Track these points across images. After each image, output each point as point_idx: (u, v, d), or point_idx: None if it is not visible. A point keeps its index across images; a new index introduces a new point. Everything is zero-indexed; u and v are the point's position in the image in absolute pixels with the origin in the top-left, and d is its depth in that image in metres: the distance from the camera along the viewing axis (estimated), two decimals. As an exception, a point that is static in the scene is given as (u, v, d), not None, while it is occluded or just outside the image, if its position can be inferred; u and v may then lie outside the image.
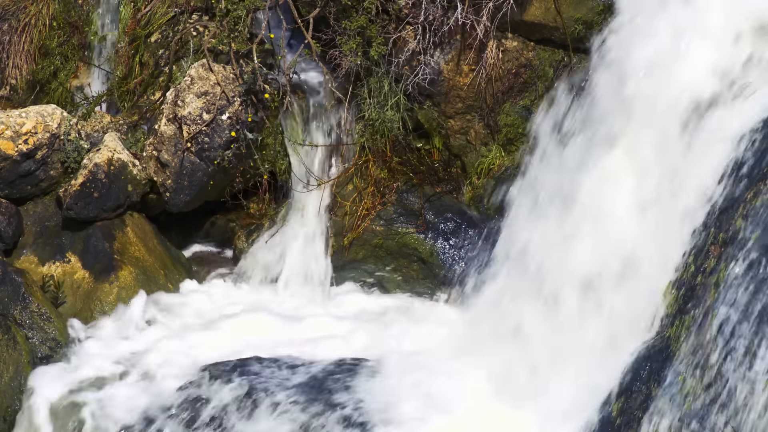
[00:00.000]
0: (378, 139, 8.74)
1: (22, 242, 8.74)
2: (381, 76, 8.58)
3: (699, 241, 6.16)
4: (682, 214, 6.36)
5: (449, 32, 8.44)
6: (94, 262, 8.60)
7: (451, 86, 8.57)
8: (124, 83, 9.51)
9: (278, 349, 7.92)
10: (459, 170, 8.84)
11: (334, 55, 8.61)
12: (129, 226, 8.81)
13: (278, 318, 8.49)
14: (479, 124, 8.65)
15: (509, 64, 8.49)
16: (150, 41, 9.52)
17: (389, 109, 8.59)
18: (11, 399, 7.79)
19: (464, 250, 8.58)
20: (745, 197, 5.85)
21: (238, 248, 9.18)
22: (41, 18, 9.61)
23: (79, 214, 8.64)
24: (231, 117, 8.64)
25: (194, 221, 9.32)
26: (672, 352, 5.89)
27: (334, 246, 8.79)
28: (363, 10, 8.44)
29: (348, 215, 8.75)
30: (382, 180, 8.77)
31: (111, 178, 8.65)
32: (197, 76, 8.72)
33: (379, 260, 8.76)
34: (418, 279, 8.72)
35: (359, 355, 7.71)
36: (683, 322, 5.93)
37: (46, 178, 8.85)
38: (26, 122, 8.73)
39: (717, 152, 6.26)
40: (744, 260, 5.57)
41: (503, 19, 8.26)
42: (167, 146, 8.74)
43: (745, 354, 5.31)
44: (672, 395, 5.70)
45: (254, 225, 9.16)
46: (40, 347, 8.06)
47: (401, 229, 8.70)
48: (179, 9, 9.46)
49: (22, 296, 8.13)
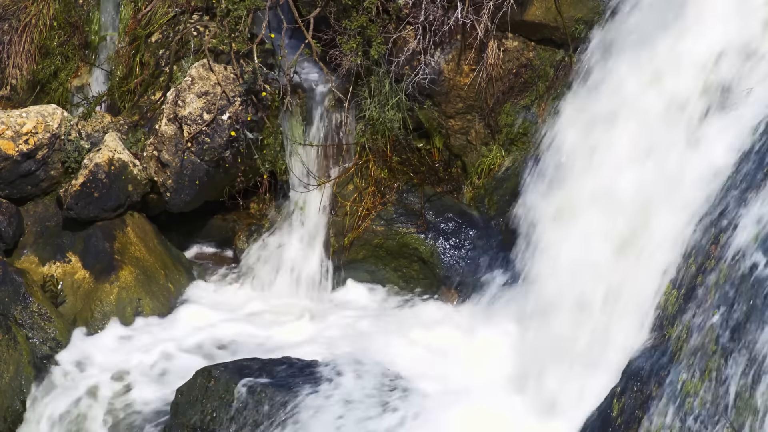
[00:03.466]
0: (378, 138, 8.74)
1: (22, 242, 8.74)
2: (381, 75, 8.58)
3: (699, 240, 6.17)
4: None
5: (449, 32, 8.44)
6: (94, 262, 8.60)
7: (452, 86, 8.57)
8: (124, 83, 9.51)
9: (279, 349, 7.94)
10: (459, 170, 8.84)
11: (334, 55, 8.61)
12: (129, 226, 8.80)
13: (278, 316, 8.51)
14: (480, 124, 8.65)
15: (510, 63, 8.49)
16: (150, 41, 9.52)
17: (389, 108, 8.58)
18: (11, 399, 7.79)
19: (465, 250, 8.57)
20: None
21: (238, 248, 9.18)
22: (42, 18, 9.61)
23: (80, 214, 8.63)
24: (231, 117, 8.64)
25: (194, 221, 9.31)
26: (673, 352, 5.89)
27: (335, 246, 8.79)
28: (363, 9, 8.44)
29: (348, 215, 8.75)
30: (383, 180, 8.77)
31: (111, 178, 8.65)
32: (198, 76, 8.72)
33: (379, 260, 8.76)
34: (419, 279, 8.72)
35: (357, 355, 7.71)
36: (684, 322, 5.93)
37: (46, 178, 8.84)
38: (27, 122, 8.73)
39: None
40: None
41: (503, 18, 8.26)
42: (168, 146, 8.74)
43: (745, 354, 5.31)
44: (672, 395, 5.70)
45: (254, 225, 9.16)
46: (40, 347, 8.06)
47: (402, 229, 8.70)
48: (180, 9, 9.46)
49: (23, 296, 8.13)
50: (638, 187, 6.86)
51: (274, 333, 8.34)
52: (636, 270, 6.70)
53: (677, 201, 6.44)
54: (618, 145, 7.17)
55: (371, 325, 8.35)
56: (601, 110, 7.44)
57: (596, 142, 7.39)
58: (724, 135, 6.34)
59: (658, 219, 6.61)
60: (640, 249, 6.70)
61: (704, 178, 6.31)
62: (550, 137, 7.91)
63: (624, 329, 6.56)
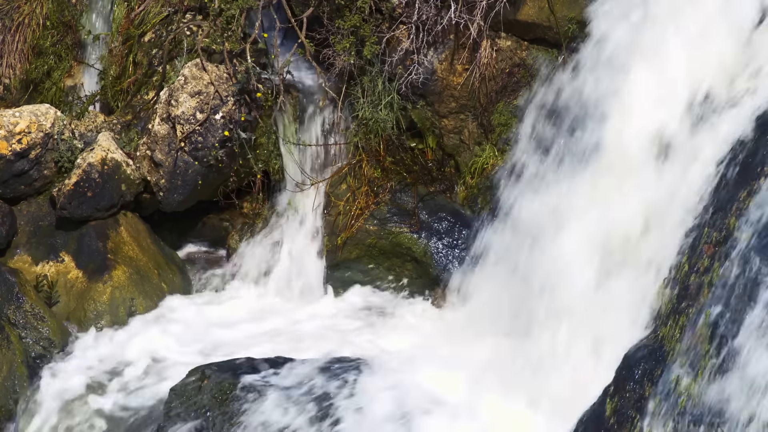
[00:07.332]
0: (371, 138, 8.74)
1: (15, 242, 8.73)
2: (374, 75, 8.58)
3: (692, 240, 6.19)
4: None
5: (443, 31, 8.45)
6: (87, 261, 8.59)
7: (445, 85, 8.58)
8: (117, 83, 9.50)
9: (272, 348, 7.94)
10: (452, 170, 8.85)
11: (327, 55, 8.61)
12: (123, 225, 8.80)
13: (272, 316, 8.51)
14: (473, 123, 8.66)
15: (503, 63, 8.50)
16: (143, 41, 9.51)
17: (383, 108, 8.59)
18: (4, 399, 7.78)
19: (458, 249, 8.58)
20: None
21: (231, 247, 9.18)
22: (35, 17, 9.59)
23: (73, 213, 8.63)
24: (224, 116, 8.64)
25: (188, 221, 9.31)
26: (666, 352, 5.90)
27: (328, 245, 8.80)
28: (356, 9, 8.44)
29: (341, 215, 8.75)
30: (376, 179, 8.77)
31: (105, 178, 8.64)
32: (191, 75, 8.71)
33: (372, 259, 8.77)
34: (412, 278, 8.72)
35: (351, 354, 7.72)
36: (677, 321, 5.95)
37: (39, 177, 8.84)
38: (20, 122, 8.72)
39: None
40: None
41: (497, 18, 8.27)
42: (161, 146, 8.74)
43: (739, 354, 5.32)
44: (665, 395, 5.71)
45: (247, 224, 9.16)
46: (33, 347, 8.05)
47: (395, 229, 8.70)
48: (173, 8, 9.45)
49: (16, 296, 8.12)
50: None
51: (266, 332, 8.34)
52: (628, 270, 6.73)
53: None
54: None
55: (364, 324, 8.36)
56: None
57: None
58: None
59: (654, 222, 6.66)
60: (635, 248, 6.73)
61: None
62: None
63: (615, 331, 6.59)
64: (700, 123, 6.64)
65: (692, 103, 6.72)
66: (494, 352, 7.38)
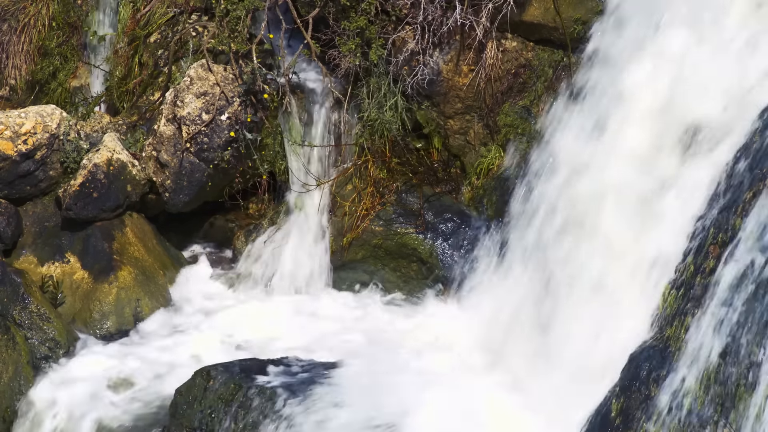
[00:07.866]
0: (377, 139, 8.74)
1: (21, 242, 8.74)
2: (380, 76, 8.58)
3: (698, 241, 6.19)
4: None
5: (448, 32, 8.44)
6: (93, 262, 8.60)
7: (450, 86, 8.57)
8: (123, 83, 9.51)
9: (277, 349, 7.94)
10: (458, 170, 8.84)
11: (333, 56, 8.61)
12: (128, 226, 8.81)
13: (277, 317, 8.51)
14: (478, 124, 8.65)
15: (508, 64, 8.49)
16: (149, 41, 9.52)
17: (388, 109, 8.58)
18: (10, 399, 7.79)
19: (463, 250, 8.58)
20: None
21: (237, 248, 9.18)
22: (40, 18, 9.61)
23: (79, 214, 8.64)
24: (230, 117, 8.64)
25: (193, 221, 9.32)
26: (671, 352, 5.90)
27: (333, 246, 8.79)
28: (362, 10, 8.44)
29: (347, 215, 8.75)
30: (382, 180, 8.77)
31: (110, 179, 8.65)
32: (196, 76, 8.72)
33: (378, 260, 8.76)
34: (418, 279, 8.72)
35: (358, 354, 7.71)
36: (683, 322, 5.94)
37: (45, 178, 8.84)
38: (25, 122, 8.73)
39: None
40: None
41: (503, 19, 8.26)
42: (166, 146, 8.74)
43: (744, 354, 5.32)
44: (671, 395, 5.70)
45: (253, 225, 9.16)
46: (39, 347, 8.05)
47: (400, 230, 8.70)
48: (178, 9, 9.46)
49: (22, 296, 8.12)
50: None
51: (271, 333, 8.33)
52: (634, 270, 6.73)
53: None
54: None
55: (370, 326, 8.35)
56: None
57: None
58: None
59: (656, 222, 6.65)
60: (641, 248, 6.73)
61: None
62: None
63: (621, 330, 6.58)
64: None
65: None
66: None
